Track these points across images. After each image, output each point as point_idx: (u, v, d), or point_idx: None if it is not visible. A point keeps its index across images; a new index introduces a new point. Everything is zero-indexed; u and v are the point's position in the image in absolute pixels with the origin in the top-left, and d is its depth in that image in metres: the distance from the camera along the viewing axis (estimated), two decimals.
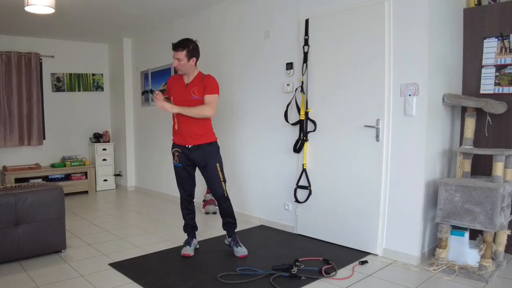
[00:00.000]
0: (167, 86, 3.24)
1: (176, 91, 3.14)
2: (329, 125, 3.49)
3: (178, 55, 3.02)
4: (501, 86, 3.14)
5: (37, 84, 5.90)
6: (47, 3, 3.43)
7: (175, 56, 3.04)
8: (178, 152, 3.17)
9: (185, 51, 3.02)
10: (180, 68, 3.06)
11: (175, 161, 3.20)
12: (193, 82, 3.11)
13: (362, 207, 3.27)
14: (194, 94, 3.07)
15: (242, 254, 3.17)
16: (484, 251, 2.75)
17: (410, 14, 2.95)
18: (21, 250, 3.01)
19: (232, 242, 3.25)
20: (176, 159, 3.19)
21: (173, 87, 3.18)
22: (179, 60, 3.03)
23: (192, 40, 3.14)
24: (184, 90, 3.10)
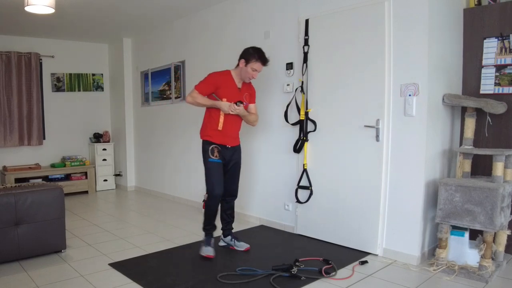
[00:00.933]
0: (213, 82, 3.11)
1: (230, 92, 3.13)
2: (329, 125, 3.49)
3: (261, 69, 3.14)
4: (501, 86, 3.14)
5: (37, 84, 5.90)
6: (47, 3, 3.43)
7: (259, 69, 3.12)
8: (218, 149, 3.14)
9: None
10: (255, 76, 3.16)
11: (215, 157, 3.13)
12: (243, 87, 3.23)
13: (362, 207, 3.27)
14: (245, 100, 3.21)
15: (246, 247, 3.26)
16: (484, 251, 2.75)
17: (410, 14, 2.95)
18: (21, 250, 3.01)
19: (233, 238, 3.32)
20: (216, 155, 3.13)
21: (225, 87, 3.13)
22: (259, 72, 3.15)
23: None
24: (238, 94, 3.16)
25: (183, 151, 5.37)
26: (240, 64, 3.14)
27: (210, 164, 3.14)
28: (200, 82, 3.13)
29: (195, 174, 5.15)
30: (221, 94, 3.11)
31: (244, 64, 3.11)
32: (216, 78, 3.13)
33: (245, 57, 3.11)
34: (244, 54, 3.14)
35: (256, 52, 3.10)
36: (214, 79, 3.12)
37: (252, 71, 3.10)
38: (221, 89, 3.11)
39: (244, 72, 3.13)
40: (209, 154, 3.13)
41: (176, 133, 5.49)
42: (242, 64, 3.12)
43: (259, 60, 3.08)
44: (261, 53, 3.12)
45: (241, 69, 3.13)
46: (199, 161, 5.04)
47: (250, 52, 3.10)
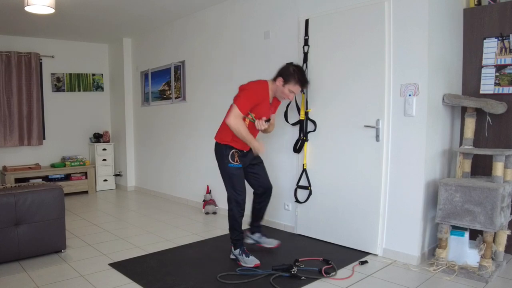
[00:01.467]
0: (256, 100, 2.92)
1: (262, 109, 2.98)
2: (329, 125, 3.49)
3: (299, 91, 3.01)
4: (501, 86, 3.14)
5: (37, 84, 5.90)
6: (47, 3, 3.43)
7: (297, 92, 2.97)
8: (238, 154, 3.02)
9: None
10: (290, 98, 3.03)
11: (235, 162, 3.00)
12: (273, 101, 3.12)
13: (362, 207, 3.27)
14: (272, 113, 3.15)
15: (276, 243, 3.23)
16: (484, 251, 2.75)
17: (410, 14, 2.95)
18: (21, 250, 3.01)
19: (262, 236, 3.27)
20: (237, 160, 3.00)
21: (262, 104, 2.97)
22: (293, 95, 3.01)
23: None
24: (268, 110, 3.06)
25: (183, 151, 5.37)
26: (277, 82, 2.91)
27: (231, 169, 3.00)
28: (243, 100, 2.86)
29: (195, 174, 5.15)
30: (253, 110, 2.93)
31: (281, 83, 2.89)
32: (258, 96, 2.92)
33: (284, 77, 2.89)
34: (284, 72, 2.91)
35: (297, 73, 2.88)
36: (256, 97, 2.90)
37: (289, 93, 2.92)
38: (260, 105, 2.94)
39: (280, 91, 2.94)
40: (229, 159, 2.99)
41: (176, 133, 5.49)
42: (279, 82, 2.90)
43: (298, 83, 2.89)
44: (302, 74, 2.91)
45: (278, 87, 2.93)
46: (199, 161, 5.07)
47: (291, 72, 2.88)
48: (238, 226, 3.06)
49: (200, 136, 5.04)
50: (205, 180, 4.95)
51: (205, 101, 4.95)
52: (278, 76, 2.94)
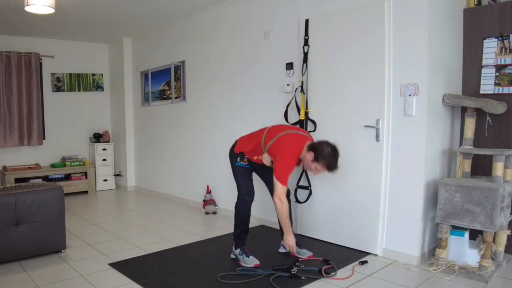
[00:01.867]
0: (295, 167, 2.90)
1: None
2: (329, 125, 3.49)
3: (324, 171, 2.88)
4: (501, 86, 3.14)
5: (37, 84, 5.90)
6: (47, 3, 3.43)
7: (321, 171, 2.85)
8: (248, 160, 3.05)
9: None
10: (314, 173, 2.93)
11: (243, 162, 3.04)
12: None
13: (362, 207, 3.27)
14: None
15: (308, 255, 3.15)
16: (484, 251, 2.75)
17: (410, 14, 2.95)
18: (21, 250, 3.01)
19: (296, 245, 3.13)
20: (245, 161, 3.04)
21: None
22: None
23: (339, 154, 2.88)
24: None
25: (183, 151, 5.37)
26: (308, 154, 2.79)
27: (238, 168, 3.06)
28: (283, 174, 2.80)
29: (195, 174, 5.15)
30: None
31: (311, 158, 2.78)
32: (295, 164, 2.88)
33: (316, 154, 2.76)
34: (318, 149, 2.76)
35: (328, 157, 2.74)
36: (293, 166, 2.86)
37: (315, 169, 2.82)
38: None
39: (307, 163, 2.84)
40: (237, 159, 3.06)
41: (176, 133, 5.49)
42: (310, 156, 2.78)
43: (325, 167, 2.78)
44: (334, 159, 2.76)
45: (307, 159, 2.81)
46: (199, 161, 5.07)
47: (323, 154, 2.74)
48: (242, 224, 3.07)
49: (200, 136, 5.04)
50: (205, 180, 4.95)
51: (205, 101, 4.95)
52: (311, 150, 2.79)
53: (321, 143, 2.81)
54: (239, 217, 3.08)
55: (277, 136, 2.88)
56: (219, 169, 4.73)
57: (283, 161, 2.81)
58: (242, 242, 3.07)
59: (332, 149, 2.78)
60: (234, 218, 3.11)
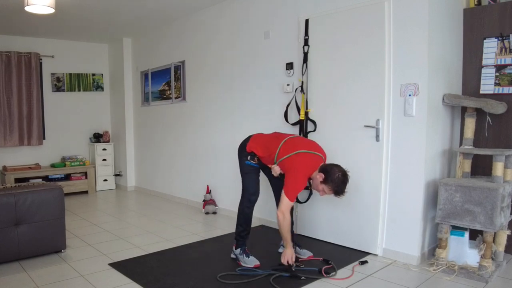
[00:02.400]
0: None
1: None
2: (329, 125, 3.49)
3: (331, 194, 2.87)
4: (501, 86, 3.14)
5: (37, 84, 5.90)
6: (47, 3, 3.43)
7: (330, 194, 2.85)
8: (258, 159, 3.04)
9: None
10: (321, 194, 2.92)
11: (254, 162, 3.03)
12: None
13: (362, 207, 3.27)
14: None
15: (308, 255, 3.15)
16: (484, 251, 2.75)
17: (410, 14, 2.95)
18: (21, 250, 3.01)
19: (296, 246, 3.19)
20: (255, 160, 3.03)
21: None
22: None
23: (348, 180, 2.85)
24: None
25: (183, 151, 5.37)
26: (318, 175, 2.78)
27: (246, 167, 3.04)
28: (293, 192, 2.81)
29: (195, 174, 5.15)
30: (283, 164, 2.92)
31: (321, 179, 2.77)
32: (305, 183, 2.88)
33: (326, 177, 2.74)
34: (328, 172, 2.75)
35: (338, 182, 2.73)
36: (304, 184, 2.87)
37: (322, 190, 2.82)
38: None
39: (315, 183, 2.83)
40: (247, 158, 3.03)
41: (176, 133, 5.49)
42: (320, 177, 2.77)
43: (333, 190, 2.77)
44: (343, 184, 2.75)
45: (316, 179, 2.80)
46: (199, 161, 5.07)
47: (333, 178, 2.72)
48: (244, 222, 3.07)
49: (200, 136, 5.04)
50: (205, 180, 4.95)
51: (205, 101, 4.95)
52: (322, 172, 2.78)
53: (332, 167, 2.79)
54: (242, 216, 3.08)
55: (293, 153, 2.85)
56: (219, 169, 4.73)
57: (295, 179, 2.80)
58: (243, 241, 3.08)
59: (343, 174, 2.75)
60: (236, 216, 3.12)
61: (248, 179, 3.07)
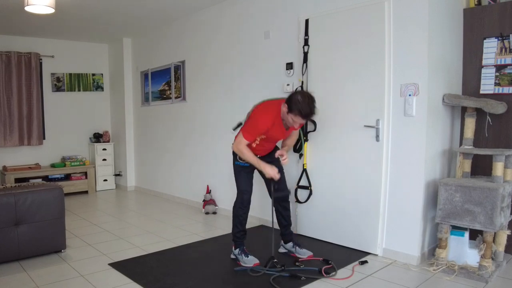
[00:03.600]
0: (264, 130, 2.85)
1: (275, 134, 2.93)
2: (329, 125, 3.49)
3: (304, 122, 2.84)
4: (501, 86, 3.14)
5: (37, 84, 5.90)
6: (47, 3, 3.43)
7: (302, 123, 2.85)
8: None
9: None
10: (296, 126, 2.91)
11: (242, 161, 3.02)
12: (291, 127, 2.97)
13: (362, 207, 3.27)
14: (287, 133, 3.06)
15: (308, 254, 3.15)
16: (484, 251, 2.75)
17: (410, 14, 2.95)
18: (21, 250, 3.01)
19: (295, 245, 3.19)
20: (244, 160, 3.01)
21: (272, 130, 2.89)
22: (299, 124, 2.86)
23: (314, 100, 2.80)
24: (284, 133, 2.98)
25: (183, 151, 5.37)
26: (283, 107, 2.78)
27: (237, 167, 3.08)
28: (248, 130, 2.86)
29: (195, 174, 5.15)
30: (268, 134, 2.90)
31: (286, 110, 2.75)
32: (267, 124, 2.83)
33: (289, 105, 2.72)
34: (290, 99, 2.73)
35: (301, 104, 2.68)
36: (265, 126, 2.82)
37: (293, 122, 2.78)
38: (271, 131, 2.89)
39: (285, 117, 2.81)
40: (237, 158, 3.06)
41: (176, 133, 5.49)
42: (285, 108, 2.76)
43: (300, 115, 2.71)
44: (307, 105, 2.69)
45: (284, 113, 2.80)
46: (199, 161, 5.07)
47: (294, 101, 2.69)
48: (238, 223, 3.07)
49: (200, 136, 5.04)
50: (205, 180, 4.95)
51: (205, 101, 4.95)
52: (285, 103, 2.76)
53: (292, 94, 2.78)
54: (236, 217, 3.09)
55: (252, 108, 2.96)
56: (219, 169, 4.73)
57: (253, 119, 2.86)
58: (240, 241, 3.08)
59: (302, 95, 2.72)
60: (232, 218, 3.12)
61: (238, 178, 3.09)
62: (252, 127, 2.86)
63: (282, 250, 3.28)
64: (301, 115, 2.70)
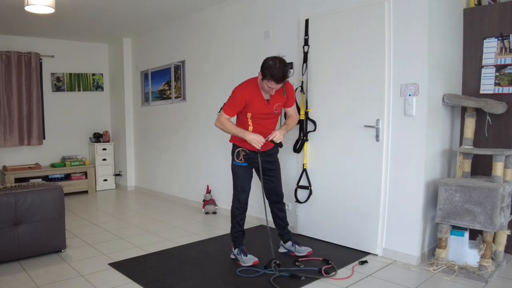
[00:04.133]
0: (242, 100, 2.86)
1: (257, 109, 2.91)
2: (329, 125, 3.49)
3: (279, 86, 2.81)
4: (501, 86, 3.14)
5: (37, 84, 5.90)
6: (47, 3, 3.43)
7: (277, 87, 2.80)
8: (244, 153, 3.00)
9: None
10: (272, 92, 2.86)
11: (239, 161, 3.00)
12: (273, 98, 2.93)
13: (362, 207, 3.27)
14: (276, 110, 2.98)
15: (307, 251, 3.16)
16: (484, 251, 2.75)
17: (410, 14, 2.95)
18: (21, 250, 3.01)
19: (294, 244, 3.20)
20: (241, 159, 3.00)
21: (252, 103, 2.88)
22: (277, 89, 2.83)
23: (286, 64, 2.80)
24: (266, 107, 2.92)
25: (183, 151, 5.37)
26: (258, 76, 2.82)
27: (234, 167, 3.05)
28: (228, 104, 2.90)
29: (195, 174, 5.15)
30: (247, 110, 2.90)
31: (260, 77, 2.80)
32: (244, 95, 2.85)
33: (262, 70, 2.76)
34: (262, 66, 2.77)
35: (271, 68, 2.69)
36: (240, 98, 2.85)
37: (268, 88, 2.79)
38: (248, 105, 2.88)
39: (261, 85, 2.84)
40: (234, 157, 3.03)
41: (176, 133, 5.49)
42: (259, 76, 2.80)
43: (272, 79, 2.72)
44: (277, 68, 2.69)
45: (260, 82, 2.83)
46: (199, 161, 5.07)
47: (266, 66, 2.73)
48: (236, 223, 3.08)
49: (200, 136, 5.04)
50: (205, 180, 4.95)
51: (205, 101, 4.95)
52: (259, 72, 2.80)
53: (265, 60, 2.79)
54: (234, 217, 3.09)
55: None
56: (219, 169, 4.73)
57: (232, 94, 2.91)
58: (239, 241, 3.08)
59: (274, 60, 2.73)
60: (230, 217, 3.13)
61: (236, 178, 3.07)
62: (231, 100, 2.91)
63: (282, 250, 3.28)
64: (274, 79, 2.71)
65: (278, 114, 3.05)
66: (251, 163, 3.05)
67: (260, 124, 2.97)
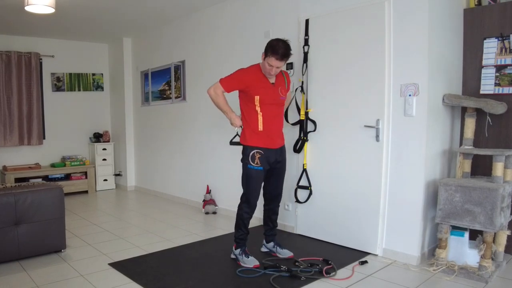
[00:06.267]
0: (241, 79, 2.87)
1: (264, 90, 2.88)
2: (329, 125, 3.49)
3: (281, 64, 2.80)
4: (501, 87, 3.14)
5: (37, 84, 5.90)
6: (47, 3, 3.43)
7: (278, 65, 2.79)
8: (260, 155, 2.90)
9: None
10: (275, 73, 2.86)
11: (255, 164, 2.90)
12: (277, 81, 2.96)
13: (362, 207, 3.27)
14: (282, 94, 2.97)
15: (289, 254, 3.13)
16: (484, 251, 2.75)
17: (410, 14, 2.95)
18: (21, 250, 3.01)
19: (276, 245, 3.20)
20: (257, 162, 2.89)
21: (257, 85, 2.87)
22: (278, 68, 2.82)
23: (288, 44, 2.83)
24: (272, 90, 2.92)
25: (183, 151, 5.37)
26: (261, 59, 2.83)
27: (249, 171, 2.93)
28: (228, 77, 2.90)
29: (195, 174, 5.15)
30: (253, 93, 2.86)
31: (263, 58, 2.81)
32: (244, 76, 2.87)
33: (265, 50, 2.79)
34: (265, 48, 2.80)
35: (274, 45, 2.73)
36: (242, 76, 2.87)
37: (269, 66, 2.78)
38: (253, 87, 2.85)
39: (263, 66, 2.84)
40: (249, 160, 2.91)
41: (176, 133, 5.49)
42: (262, 58, 2.81)
43: (273, 55, 2.72)
44: (277, 46, 2.72)
45: (263, 64, 2.83)
46: (199, 161, 5.07)
47: (269, 45, 2.77)
48: (243, 226, 3.04)
49: (200, 136, 5.04)
50: (205, 180, 4.95)
51: (205, 101, 4.94)
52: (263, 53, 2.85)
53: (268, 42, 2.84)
54: (241, 221, 3.03)
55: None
56: (219, 169, 4.73)
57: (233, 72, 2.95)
58: (243, 242, 3.07)
59: (276, 39, 2.81)
60: (235, 220, 3.08)
61: (249, 181, 2.96)
62: (231, 75, 2.94)
63: (264, 249, 3.29)
64: (275, 55, 2.73)
65: (283, 100, 3.04)
66: (265, 164, 2.96)
67: (269, 110, 2.92)
